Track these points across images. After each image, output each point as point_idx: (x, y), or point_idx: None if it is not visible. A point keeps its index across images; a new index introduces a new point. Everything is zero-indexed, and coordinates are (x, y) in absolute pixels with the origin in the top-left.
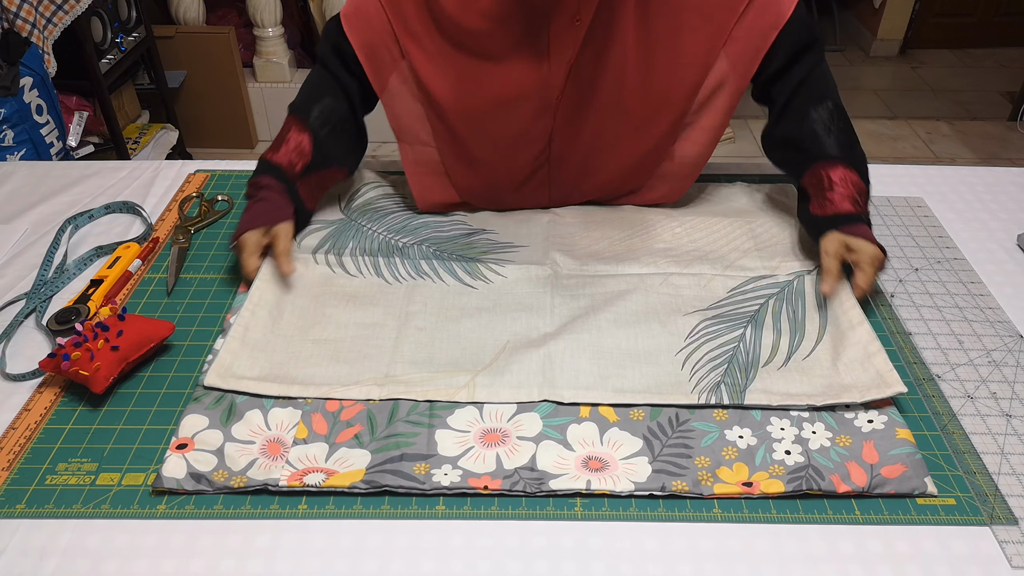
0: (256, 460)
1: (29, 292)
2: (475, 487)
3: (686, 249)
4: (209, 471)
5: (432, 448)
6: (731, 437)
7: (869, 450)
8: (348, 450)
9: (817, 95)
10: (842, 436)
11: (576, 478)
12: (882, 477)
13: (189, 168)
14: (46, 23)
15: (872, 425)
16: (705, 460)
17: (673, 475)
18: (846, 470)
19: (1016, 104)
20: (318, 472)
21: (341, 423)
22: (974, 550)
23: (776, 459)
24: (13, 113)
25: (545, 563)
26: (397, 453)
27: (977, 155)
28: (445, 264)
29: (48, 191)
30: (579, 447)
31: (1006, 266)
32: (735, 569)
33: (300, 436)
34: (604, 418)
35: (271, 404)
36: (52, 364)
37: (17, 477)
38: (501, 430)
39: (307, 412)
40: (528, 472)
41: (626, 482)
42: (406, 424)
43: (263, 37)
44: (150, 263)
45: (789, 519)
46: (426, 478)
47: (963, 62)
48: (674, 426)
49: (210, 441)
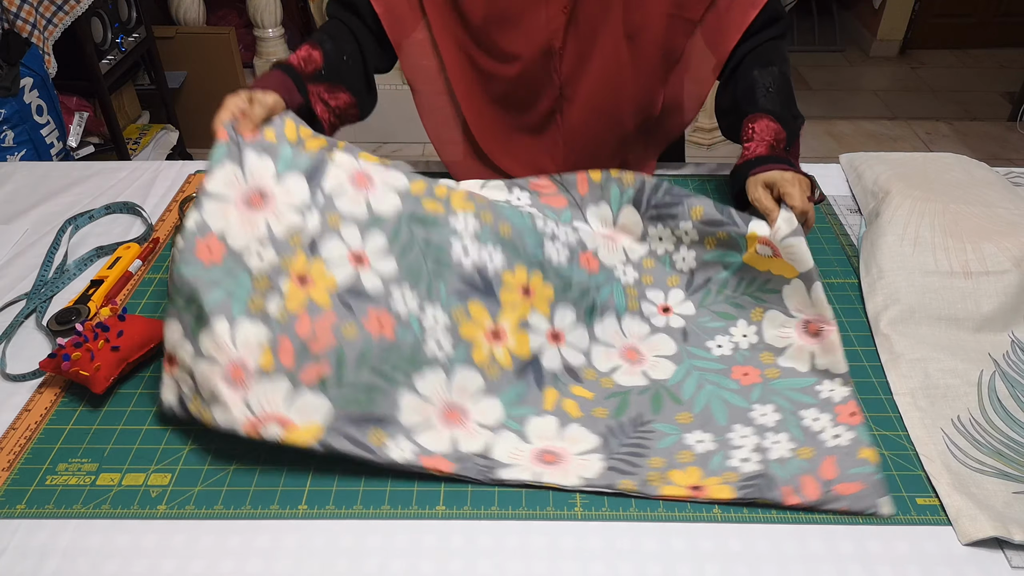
0: (220, 391)
1: (29, 292)
2: (426, 467)
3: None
4: (189, 394)
5: (393, 411)
6: (690, 441)
7: (828, 465)
8: (310, 396)
9: (764, 60)
10: (804, 448)
11: (526, 470)
12: (835, 493)
13: (189, 168)
14: (46, 24)
15: (837, 440)
16: (659, 461)
17: (623, 473)
18: (799, 483)
19: (1016, 104)
20: (275, 423)
21: (310, 356)
22: (974, 550)
23: (731, 465)
24: (13, 113)
25: (545, 563)
26: (358, 412)
27: (977, 156)
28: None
29: (48, 191)
30: (536, 440)
31: None
32: (735, 569)
33: (264, 366)
34: (566, 413)
35: (239, 312)
36: (52, 364)
37: (17, 477)
38: (462, 408)
39: (276, 334)
40: (481, 459)
41: (575, 477)
42: (373, 375)
43: (263, 38)
44: (150, 263)
45: (789, 519)
46: (379, 449)
47: (963, 62)
48: (636, 426)
49: (185, 358)
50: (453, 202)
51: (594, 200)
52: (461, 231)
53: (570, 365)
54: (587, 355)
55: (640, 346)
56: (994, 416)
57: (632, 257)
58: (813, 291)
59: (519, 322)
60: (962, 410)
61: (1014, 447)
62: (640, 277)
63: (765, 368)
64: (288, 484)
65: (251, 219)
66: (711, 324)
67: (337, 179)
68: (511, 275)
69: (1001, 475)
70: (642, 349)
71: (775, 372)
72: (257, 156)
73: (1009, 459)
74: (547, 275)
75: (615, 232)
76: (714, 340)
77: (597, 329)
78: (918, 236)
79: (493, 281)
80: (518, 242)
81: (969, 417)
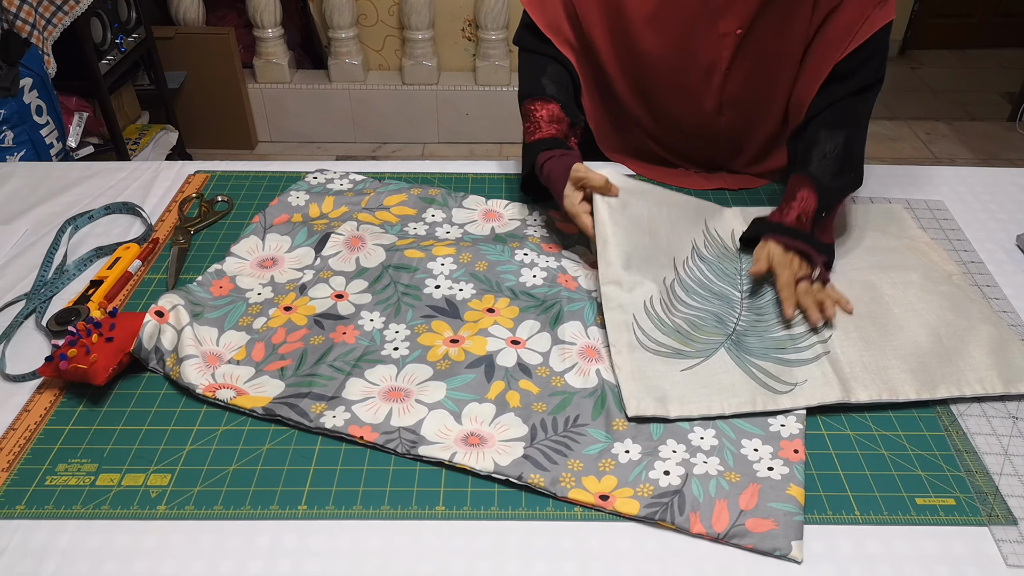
0: (195, 358)
1: (29, 293)
2: (352, 435)
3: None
4: (169, 349)
5: (339, 392)
6: (616, 450)
7: (750, 494)
8: (268, 378)
9: (835, 121)
10: (732, 473)
11: (448, 449)
12: (743, 528)
13: (189, 169)
14: (46, 24)
15: (770, 473)
16: (578, 464)
17: (536, 467)
18: (711, 509)
19: (1015, 105)
20: (231, 390)
21: (276, 356)
22: (974, 550)
23: (651, 477)
24: (13, 114)
25: (545, 563)
26: (306, 390)
27: (976, 156)
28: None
29: (48, 192)
30: (468, 422)
31: (1005, 266)
32: (735, 569)
33: (236, 358)
34: (506, 402)
35: (229, 327)
36: (51, 368)
37: (17, 478)
38: (405, 390)
39: (254, 340)
40: (408, 433)
41: (489, 462)
42: (329, 368)
43: (263, 38)
44: (150, 264)
45: None
46: (316, 416)
47: (962, 63)
48: (568, 425)
49: (179, 318)
50: (435, 250)
51: None
52: (437, 273)
53: (525, 364)
54: (545, 356)
55: (601, 349)
56: (682, 293)
57: None
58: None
59: (479, 331)
60: (655, 292)
61: (695, 322)
62: None
63: None
64: (288, 484)
65: (260, 273)
66: None
67: (335, 246)
68: (478, 302)
69: (676, 354)
70: (602, 351)
71: None
72: (279, 236)
73: (686, 336)
74: (516, 298)
75: None
76: None
77: (559, 331)
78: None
79: (460, 307)
80: (491, 274)
81: (660, 298)
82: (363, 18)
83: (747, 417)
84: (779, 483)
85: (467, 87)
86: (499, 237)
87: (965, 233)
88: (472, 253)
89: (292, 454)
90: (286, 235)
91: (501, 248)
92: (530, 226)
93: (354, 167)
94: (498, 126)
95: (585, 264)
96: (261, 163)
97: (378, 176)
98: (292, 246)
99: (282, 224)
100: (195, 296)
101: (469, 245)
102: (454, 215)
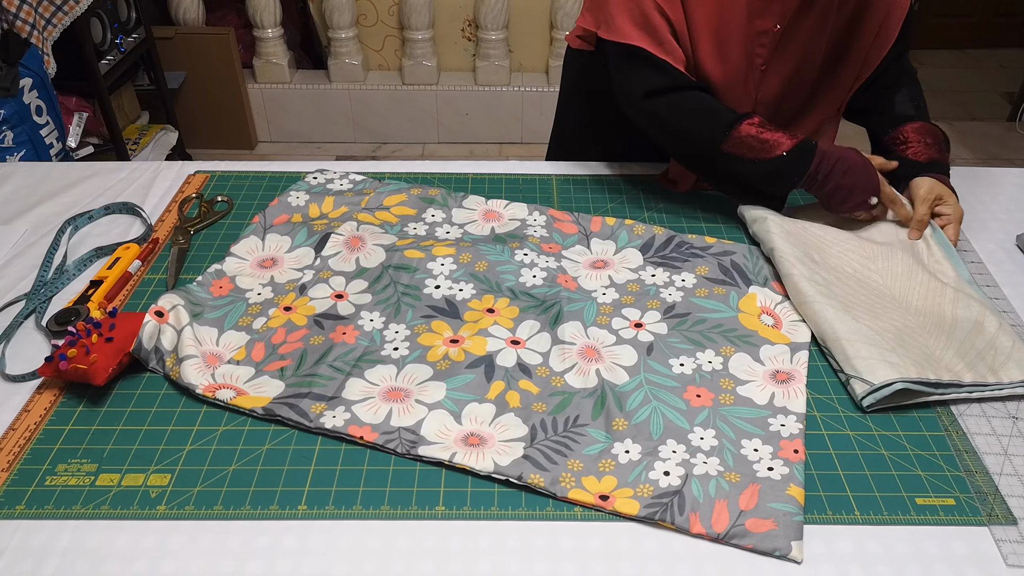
0: (195, 358)
1: (29, 293)
2: (352, 435)
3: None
4: (169, 349)
5: (339, 392)
6: (617, 450)
7: (750, 495)
8: (268, 378)
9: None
10: (732, 473)
11: (448, 449)
12: (743, 528)
13: (189, 169)
14: (45, 24)
15: (770, 473)
16: (578, 464)
17: (537, 467)
18: (711, 510)
19: (1015, 104)
20: (231, 390)
21: (276, 356)
22: (973, 550)
23: (651, 478)
24: (13, 114)
25: (545, 563)
26: (306, 390)
27: (976, 155)
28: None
29: (48, 192)
30: (468, 423)
31: (1005, 266)
32: (735, 569)
33: (236, 358)
34: (506, 402)
35: (229, 327)
36: (51, 369)
37: (17, 478)
38: (405, 390)
39: (253, 340)
40: (408, 433)
41: (488, 462)
42: (329, 368)
43: (263, 38)
44: (150, 264)
45: None
46: (316, 416)
47: (963, 62)
48: (568, 425)
49: (179, 318)
50: (435, 250)
51: (602, 237)
52: (437, 273)
53: (525, 364)
54: (545, 356)
55: (601, 349)
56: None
57: (617, 280)
58: (797, 357)
59: (479, 331)
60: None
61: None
62: (620, 298)
63: (721, 393)
64: (288, 484)
65: (259, 273)
66: (679, 345)
67: (335, 247)
68: (478, 302)
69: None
70: (602, 351)
71: (729, 399)
72: (279, 236)
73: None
74: (516, 298)
75: (611, 259)
76: (678, 359)
77: (559, 332)
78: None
79: (459, 307)
80: (491, 275)
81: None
82: (363, 18)
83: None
84: (779, 483)
85: (467, 87)
86: (499, 237)
87: (965, 233)
88: (472, 253)
89: (292, 454)
90: (286, 235)
91: (501, 248)
92: (530, 226)
93: (354, 167)
94: (498, 126)
95: (585, 264)
96: (261, 163)
97: (378, 176)
98: (292, 246)
99: (282, 224)
100: (195, 296)
101: (469, 245)
102: (454, 215)
